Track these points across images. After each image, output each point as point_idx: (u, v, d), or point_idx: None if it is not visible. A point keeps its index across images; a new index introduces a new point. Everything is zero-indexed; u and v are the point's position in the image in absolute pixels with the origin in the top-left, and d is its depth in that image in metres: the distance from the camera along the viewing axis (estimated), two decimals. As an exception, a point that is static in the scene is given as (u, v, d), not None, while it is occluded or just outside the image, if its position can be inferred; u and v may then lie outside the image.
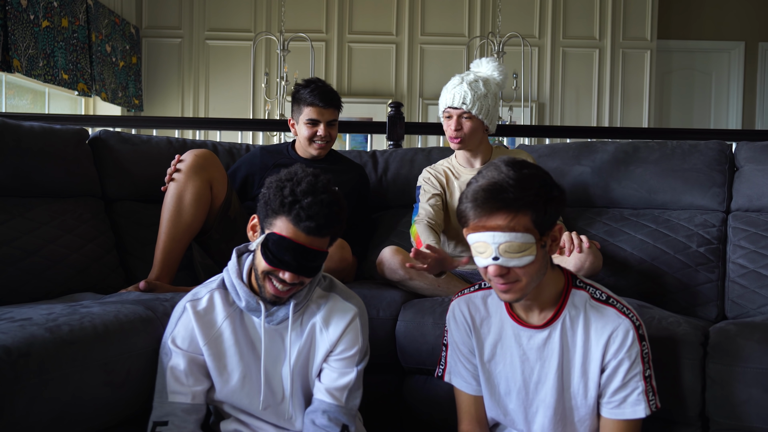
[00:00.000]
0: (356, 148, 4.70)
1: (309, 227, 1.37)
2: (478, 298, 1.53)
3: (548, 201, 1.31)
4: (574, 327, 1.41)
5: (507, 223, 1.28)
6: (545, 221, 1.31)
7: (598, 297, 1.42)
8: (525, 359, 1.45)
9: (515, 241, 1.28)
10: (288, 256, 1.38)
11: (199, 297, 1.51)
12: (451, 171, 2.30)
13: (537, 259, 1.31)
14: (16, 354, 1.24)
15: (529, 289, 1.35)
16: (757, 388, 1.52)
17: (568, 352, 1.42)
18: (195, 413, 1.48)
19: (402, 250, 2.11)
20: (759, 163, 2.22)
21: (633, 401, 1.39)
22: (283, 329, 1.51)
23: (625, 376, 1.38)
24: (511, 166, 1.31)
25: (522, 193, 1.28)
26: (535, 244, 1.30)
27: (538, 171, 1.35)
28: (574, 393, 1.43)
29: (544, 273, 1.36)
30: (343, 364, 1.51)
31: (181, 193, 2.03)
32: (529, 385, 1.46)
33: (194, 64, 5.90)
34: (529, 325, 1.44)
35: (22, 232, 1.89)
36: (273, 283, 1.43)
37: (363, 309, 1.56)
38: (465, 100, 2.12)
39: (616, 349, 1.38)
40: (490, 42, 5.17)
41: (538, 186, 1.30)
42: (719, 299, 2.09)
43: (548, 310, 1.42)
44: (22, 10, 3.94)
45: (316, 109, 2.31)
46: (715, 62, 6.41)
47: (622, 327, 1.37)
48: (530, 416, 1.47)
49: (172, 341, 1.48)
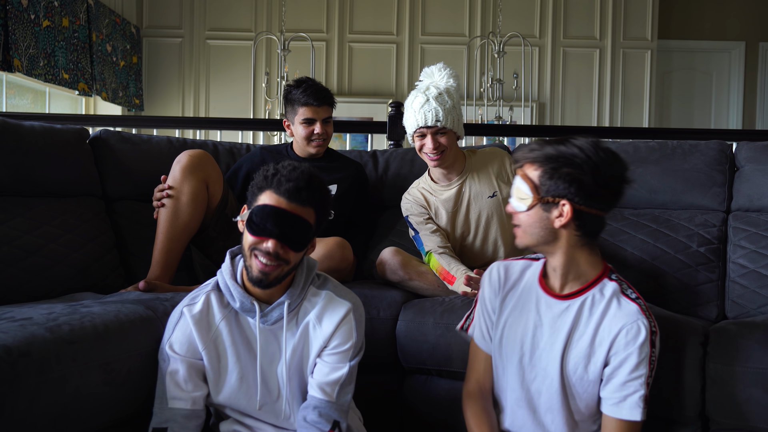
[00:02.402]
0: (357, 147, 4.70)
1: (289, 189, 1.42)
2: (518, 266, 1.60)
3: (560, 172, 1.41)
4: (593, 309, 1.45)
5: (524, 170, 1.47)
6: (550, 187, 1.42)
7: (628, 294, 1.46)
8: (538, 325, 1.50)
9: (518, 185, 1.47)
10: (270, 223, 1.41)
11: (195, 301, 1.51)
12: (428, 191, 2.24)
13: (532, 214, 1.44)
14: (16, 353, 1.24)
15: (526, 242, 1.49)
16: (757, 388, 1.52)
17: (577, 330, 1.46)
18: (195, 419, 1.48)
19: (401, 250, 2.11)
20: (759, 163, 2.22)
21: (632, 403, 1.40)
22: (278, 329, 1.51)
23: (630, 373, 1.40)
24: (568, 142, 1.43)
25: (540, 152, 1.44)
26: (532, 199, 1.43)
27: (582, 153, 1.41)
28: (572, 370, 1.46)
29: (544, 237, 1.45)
30: (336, 358, 1.51)
31: (178, 193, 2.03)
32: (535, 352, 1.49)
33: (195, 63, 5.90)
34: (554, 294, 1.50)
35: (22, 232, 1.89)
36: (258, 258, 1.43)
37: (358, 305, 1.56)
38: (438, 116, 2.07)
39: (626, 343, 1.40)
40: (491, 42, 5.17)
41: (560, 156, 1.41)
42: (719, 299, 2.09)
43: (576, 287, 1.48)
44: (23, 10, 3.94)
45: (311, 108, 2.31)
46: (716, 62, 6.41)
47: (639, 323, 1.40)
48: (527, 383, 1.51)
49: (170, 347, 1.48)
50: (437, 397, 1.87)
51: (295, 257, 1.46)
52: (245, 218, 1.44)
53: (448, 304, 1.91)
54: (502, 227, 2.18)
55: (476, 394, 1.59)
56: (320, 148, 2.39)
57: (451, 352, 1.82)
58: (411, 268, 2.07)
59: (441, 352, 1.84)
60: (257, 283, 1.46)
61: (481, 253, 2.21)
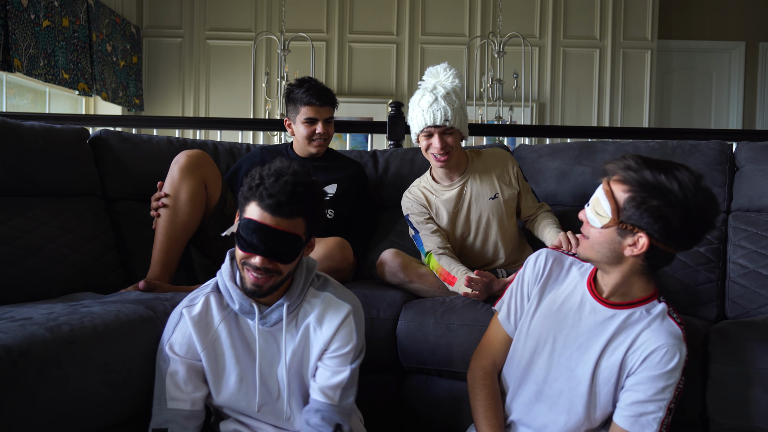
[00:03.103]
0: (357, 147, 4.71)
1: (270, 205, 1.37)
2: (567, 261, 1.58)
3: (648, 203, 1.33)
4: (638, 324, 1.43)
5: (607, 185, 1.40)
6: (634, 215, 1.35)
7: (674, 316, 1.44)
8: (577, 326, 1.48)
9: (600, 200, 1.40)
10: (255, 239, 1.38)
11: (195, 303, 1.51)
12: (429, 191, 2.22)
13: (605, 233, 1.38)
14: (16, 353, 1.24)
15: (589, 256, 1.44)
16: (757, 388, 1.52)
17: (617, 340, 1.43)
18: (195, 419, 1.48)
19: (401, 252, 2.10)
20: (759, 163, 2.22)
21: (647, 422, 1.38)
22: (277, 331, 1.50)
23: (654, 394, 1.38)
24: (670, 171, 1.34)
25: (635, 176, 1.35)
26: (609, 219, 1.37)
27: (677, 189, 1.32)
28: (604, 379, 1.44)
29: (609, 258, 1.40)
30: (337, 362, 1.50)
31: (176, 193, 2.03)
32: (566, 351, 1.47)
33: (195, 63, 5.90)
34: (602, 300, 1.47)
35: (22, 232, 1.89)
36: (250, 272, 1.42)
37: (358, 307, 1.55)
38: (447, 116, 2.05)
39: (658, 362, 1.38)
40: (491, 42, 5.17)
41: (653, 186, 1.33)
42: (719, 299, 2.09)
43: (626, 300, 1.46)
44: (23, 10, 3.94)
45: (314, 108, 2.31)
46: (716, 62, 6.40)
47: (677, 347, 1.38)
48: (549, 380, 1.49)
49: (170, 348, 1.48)
50: (437, 397, 1.87)
51: (287, 267, 1.44)
52: (235, 230, 1.43)
53: (449, 305, 1.91)
54: (502, 229, 2.18)
55: (491, 374, 1.57)
56: (321, 148, 2.39)
57: (452, 353, 1.82)
58: (411, 270, 2.06)
59: (441, 352, 1.83)
60: (252, 294, 1.45)
61: (482, 254, 2.21)
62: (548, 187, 2.44)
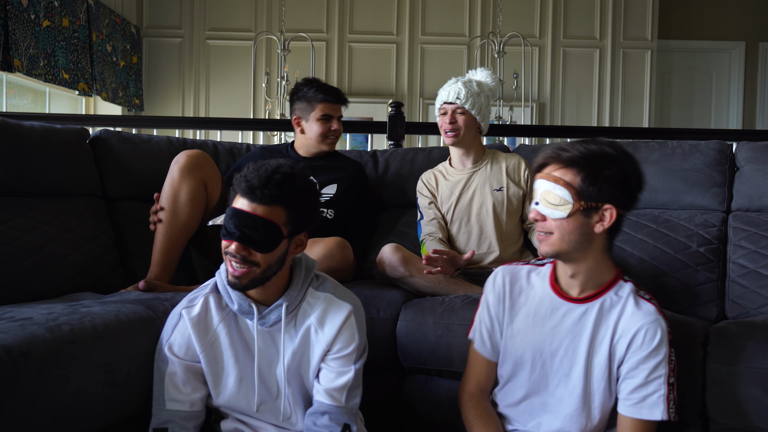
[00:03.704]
0: (357, 147, 4.70)
1: (244, 189, 1.39)
2: (524, 272, 1.58)
3: (602, 175, 1.37)
4: (612, 311, 1.44)
5: (554, 173, 1.40)
6: (592, 192, 1.37)
7: (642, 294, 1.47)
8: (557, 331, 1.48)
9: (553, 191, 1.39)
10: (231, 225, 1.39)
11: (194, 303, 1.51)
12: (442, 174, 2.36)
13: (572, 220, 1.38)
14: (16, 353, 1.25)
15: (561, 249, 1.41)
16: (757, 388, 1.52)
17: (598, 334, 1.44)
18: (194, 420, 1.48)
19: (402, 247, 2.11)
20: (759, 163, 2.22)
21: (652, 402, 1.40)
22: (276, 331, 1.50)
23: (649, 375, 1.39)
24: (597, 142, 1.42)
25: (578, 155, 1.39)
26: (572, 204, 1.37)
27: (617, 155, 1.40)
28: (596, 375, 1.45)
29: (581, 243, 1.40)
30: (341, 362, 1.50)
31: (176, 193, 2.03)
32: (555, 357, 1.48)
33: (195, 63, 5.90)
34: (569, 298, 1.47)
35: (22, 232, 1.89)
36: (231, 263, 1.41)
37: (359, 306, 1.55)
38: (459, 95, 2.24)
39: (643, 343, 1.40)
40: (491, 42, 5.17)
41: (598, 159, 1.38)
42: (719, 299, 2.09)
43: (590, 290, 1.46)
44: (23, 10, 3.94)
45: (330, 105, 2.36)
46: (716, 62, 6.40)
47: (656, 324, 1.40)
48: (550, 388, 1.49)
49: (169, 349, 1.48)
50: (437, 397, 1.87)
51: (266, 259, 1.40)
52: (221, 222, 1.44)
53: (449, 305, 1.91)
54: (498, 223, 2.23)
55: (478, 395, 1.58)
56: (333, 146, 2.42)
57: (452, 353, 1.82)
58: (412, 264, 2.07)
59: (441, 352, 1.84)
60: (232, 286, 1.44)
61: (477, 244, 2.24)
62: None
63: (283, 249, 1.43)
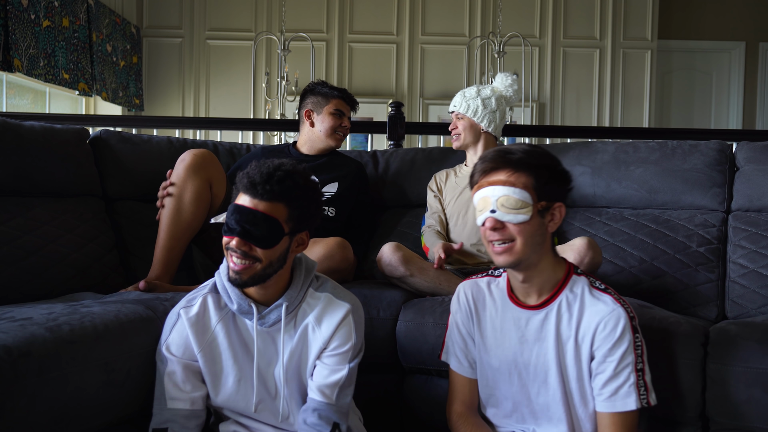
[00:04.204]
0: (357, 147, 4.70)
1: (246, 185, 1.41)
2: (484, 283, 1.57)
3: (551, 174, 1.41)
4: (571, 310, 1.44)
5: (507, 177, 1.39)
6: (545, 190, 1.39)
7: (597, 285, 1.46)
8: (524, 341, 1.48)
9: (512, 195, 1.37)
10: (233, 220, 1.40)
11: (192, 304, 1.51)
12: (455, 172, 2.48)
13: (532, 221, 1.38)
14: (16, 353, 1.25)
15: (524, 256, 1.39)
16: (757, 388, 1.52)
17: (562, 335, 1.44)
18: (195, 419, 1.48)
19: (402, 246, 2.11)
20: (759, 163, 2.22)
21: (624, 393, 1.39)
22: (275, 331, 1.50)
23: (617, 366, 1.38)
24: (526, 144, 1.46)
25: (526, 156, 1.40)
26: (532, 207, 1.38)
27: (549, 153, 1.45)
28: (570, 376, 1.44)
29: (540, 245, 1.41)
30: (336, 360, 1.50)
31: (181, 192, 2.03)
32: (528, 367, 1.48)
33: (195, 63, 5.90)
34: (527, 306, 1.47)
35: (22, 232, 1.89)
36: (232, 258, 1.42)
37: (357, 306, 1.55)
38: (455, 103, 2.42)
39: (606, 335, 1.39)
40: (491, 42, 5.17)
41: (543, 158, 1.41)
42: (719, 299, 2.09)
43: (546, 293, 1.46)
44: (23, 10, 3.94)
45: (344, 103, 2.47)
46: (716, 62, 6.40)
47: (615, 313, 1.39)
48: (532, 397, 1.49)
49: (167, 349, 1.48)
50: (437, 397, 1.87)
51: (268, 255, 1.41)
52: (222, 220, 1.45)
53: (448, 305, 1.90)
54: None
55: (466, 413, 1.57)
56: (339, 142, 2.49)
57: (451, 352, 1.82)
58: (412, 264, 2.07)
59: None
60: (233, 282, 1.45)
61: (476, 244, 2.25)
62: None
63: (285, 246, 1.44)
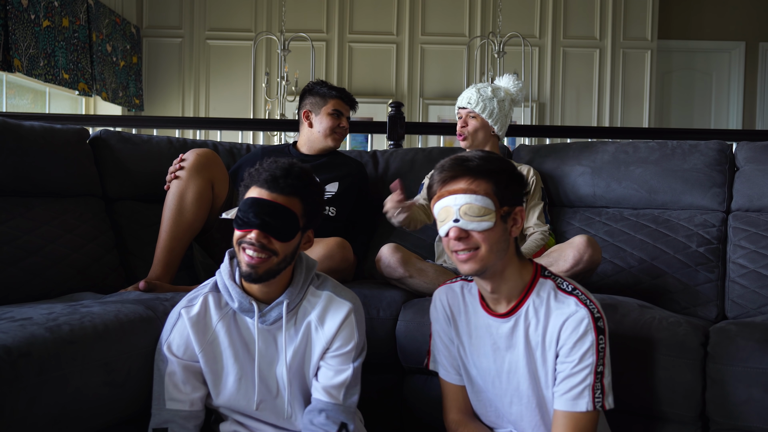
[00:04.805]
0: (357, 147, 4.70)
1: (266, 179, 1.44)
2: (458, 288, 1.57)
3: (510, 178, 1.41)
4: (538, 315, 1.43)
5: (468, 185, 1.38)
6: (506, 195, 1.39)
7: (564, 287, 1.44)
8: (496, 348, 1.47)
9: (475, 203, 1.36)
10: (251, 214, 1.42)
11: (193, 303, 1.51)
12: None
13: (496, 228, 1.37)
14: (16, 353, 1.24)
15: (489, 262, 1.38)
16: (757, 388, 1.52)
17: (530, 341, 1.43)
18: (194, 419, 1.48)
19: (401, 247, 2.11)
20: (759, 163, 2.22)
21: (576, 393, 1.37)
22: (276, 330, 1.50)
23: (575, 366, 1.37)
24: (479, 151, 1.46)
25: (484, 162, 1.39)
26: (495, 213, 1.37)
27: (503, 158, 1.47)
28: (542, 383, 1.43)
29: (504, 251, 1.40)
30: (340, 360, 1.51)
31: (183, 192, 2.03)
32: (501, 375, 1.47)
33: (195, 63, 5.90)
34: (497, 314, 1.46)
35: (22, 232, 1.89)
36: (246, 252, 1.43)
37: (358, 305, 1.56)
38: (470, 100, 2.34)
39: (568, 335, 1.38)
40: (491, 42, 5.16)
41: (501, 163, 1.41)
42: (719, 299, 2.09)
43: (514, 299, 1.45)
44: (23, 10, 3.94)
45: (342, 103, 2.44)
46: (716, 62, 6.40)
47: (578, 314, 1.38)
48: (505, 406, 1.49)
49: (168, 348, 1.48)
50: (437, 397, 1.86)
51: (284, 248, 1.44)
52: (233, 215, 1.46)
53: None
54: None
55: (464, 420, 1.57)
56: (337, 143, 2.47)
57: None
58: (411, 265, 2.07)
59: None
60: (247, 278, 1.45)
61: None
62: (547, 187, 2.44)
63: (297, 241, 1.48)
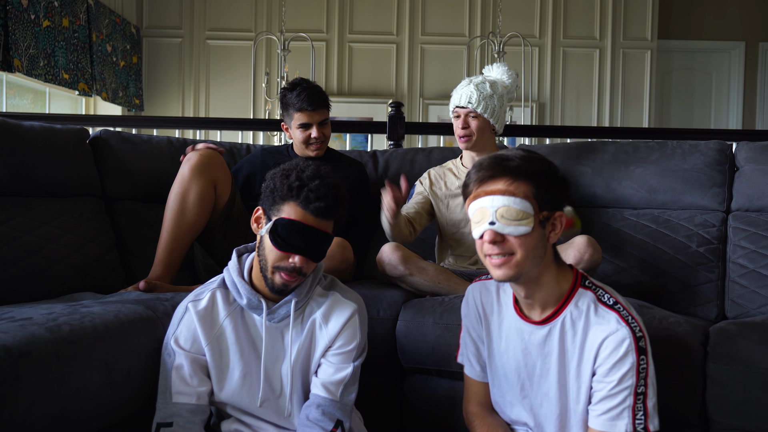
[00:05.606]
0: (357, 148, 4.70)
1: (318, 208, 1.42)
2: (493, 286, 1.52)
3: (551, 181, 1.33)
4: (575, 327, 1.37)
5: (507, 187, 1.30)
6: (546, 199, 1.32)
7: (605, 300, 1.37)
8: (527, 353, 1.43)
9: (513, 206, 1.28)
10: (298, 240, 1.42)
11: (201, 297, 1.52)
12: (452, 172, 2.36)
13: (534, 233, 1.30)
14: (16, 354, 1.24)
15: (524, 269, 1.31)
16: (757, 388, 1.52)
17: (566, 353, 1.39)
18: (200, 414, 1.48)
19: (401, 246, 2.11)
20: (759, 163, 2.22)
21: (614, 415, 1.32)
22: (283, 327, 1.51)
23: (614, 387, 1.31)
24: (523, 149, 1.38)
25: (525, 163, 1.31)
26: (533, 217, 1.29)
27: (546, 158, 1.37)
28: (570, 395, 1.40)
29: (541, 257, 1.33)
30: (341, 358, 1.52)
31: (186, 192, 2.03)
32: (532, 378, 1.44)
33: (195, 63, 5.90)
34: (530, 320, 1.42)
35: (22, 232, 1.89)
36: (281, 273, 1.44)
37: (362, 306, 1.57)
38: (471, 99, 2.22)
39: (608, 355, 1.32)
40: (491, 42, 5.16)
41: (542, 164, 1.34)
42: (719, 299, 2.09)
43: (550, 308, 1.39)
44: (23, 10, 3.94)
45: (306, 113, 2.32)
46: (716, 62, 6.40)
47: (618, 334, 1.31)
48: (535, 408, 1.46)
49: (175, 341, 1.48)
50: (437, 397, 1.87)
51: (313, 266, 1.49)
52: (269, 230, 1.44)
53: (448, 304, 1.91)
54: None
55: (482, 413, 1.55)
56: (319, 151, 2.40)
57: (451, 353, 1.82)
58: (411, 263, 2.07)
59: (441, 352, 1.83)
60: (278, 293, 1.48)
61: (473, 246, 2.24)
62: (548, 187, 2.44)
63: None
